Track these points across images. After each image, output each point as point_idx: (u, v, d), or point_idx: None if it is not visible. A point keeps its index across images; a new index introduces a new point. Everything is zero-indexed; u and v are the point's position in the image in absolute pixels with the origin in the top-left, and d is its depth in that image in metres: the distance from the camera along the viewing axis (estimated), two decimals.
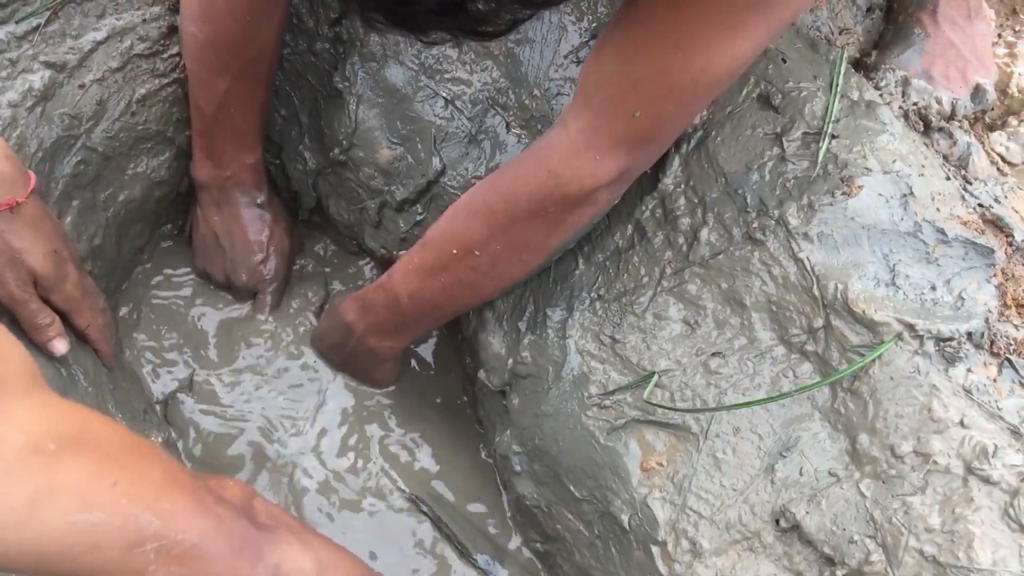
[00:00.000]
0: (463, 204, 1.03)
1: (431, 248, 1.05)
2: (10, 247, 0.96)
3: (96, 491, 0.63)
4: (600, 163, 0.91)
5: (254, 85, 1.21)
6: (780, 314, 0.94)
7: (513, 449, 1.11)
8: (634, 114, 0.87)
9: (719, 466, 0.94)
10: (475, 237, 1.00)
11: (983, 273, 0.93)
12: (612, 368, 1.02)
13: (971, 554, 0.79)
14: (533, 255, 1.02)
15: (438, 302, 1.08)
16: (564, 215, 0.96)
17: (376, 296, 1.14)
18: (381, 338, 1.19)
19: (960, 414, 0.84)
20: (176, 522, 0.67)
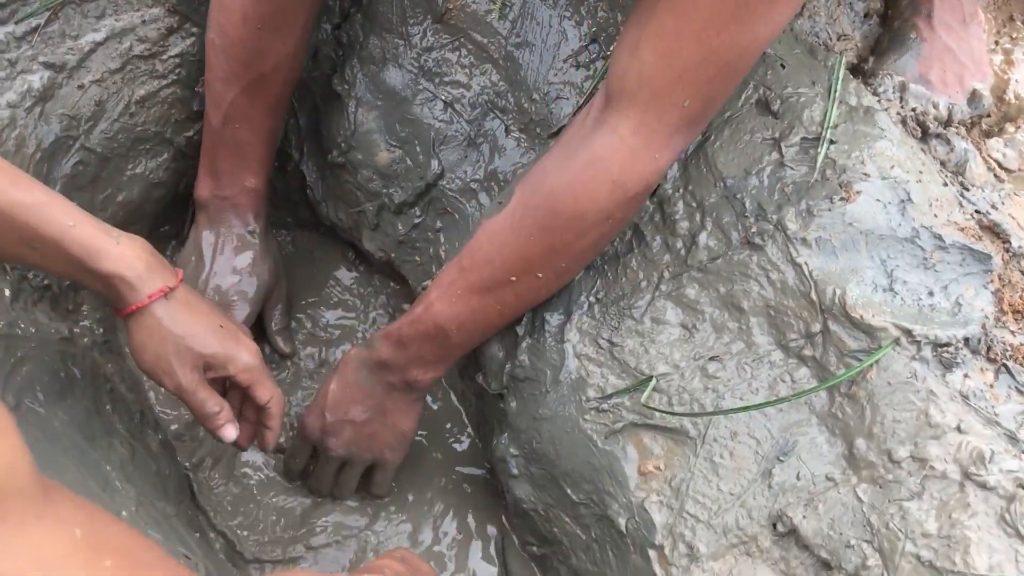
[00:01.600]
0: (513, 224, 0.98)
1: (478, 273, 1.01)
2: (172, 334, 0.95)
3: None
4: (660, 159, 0.92)
5: (262, 105, 1.18)
6: (778, 319, 0.94)
7: (511, 452, 1.11)
8: (684, 103, 0.88)
9: (716, 470, 0.94)
10: (537, 259, 0.98)
11: (980, 279, 0.93)
12: (610, 372, 1.02)
13: (968, 559, 0.79)
14: (591, 256, 1.03)
15: (491, 323, 1.06)
16: (627, 214, 0.98)
17: (413, 330, 1.07)
18: (425, 370, 1.11)
19: (957, 419, 0.85)
20: None
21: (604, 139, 0.92)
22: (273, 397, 1.04)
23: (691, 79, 0.86)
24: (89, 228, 0.88)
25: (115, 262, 0.90)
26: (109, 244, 0.89)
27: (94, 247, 0.88)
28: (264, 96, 1.18)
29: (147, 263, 0.93)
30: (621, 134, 0.91)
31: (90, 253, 0.88)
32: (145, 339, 0.95)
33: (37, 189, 0.87)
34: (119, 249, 0.90)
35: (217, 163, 1.23)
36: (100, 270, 0.89)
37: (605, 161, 0.92)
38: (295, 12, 1.12)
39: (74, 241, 0.87)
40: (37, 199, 0.86)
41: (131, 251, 0.91)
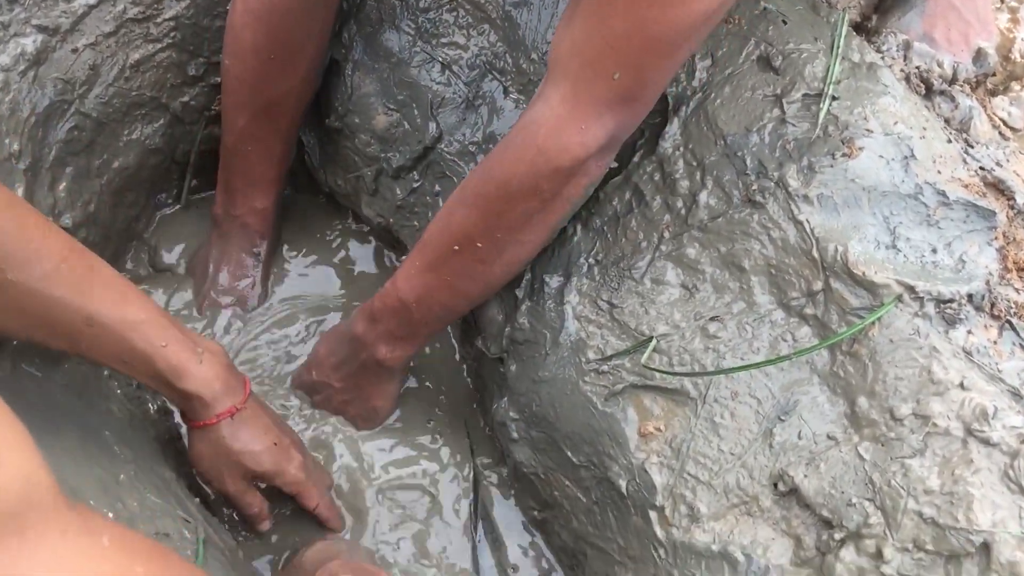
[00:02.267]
0: (456, 197, 1.01)
1: (431, 247, 1.03)
2: (230, 450, 1.03)
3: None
4: (587, 131, 0.90)
5: (271, 130, 1.22)
6: (779, 277, 0.93)
7: (510, 416, 1.11)
8: (614, 75, 0.86)
9: (717, 431, 0.94)
10: (474, 228, 0.98)
11: (984, 236, 0.92)
12: (610, 333, 1.01)
13: (970, 516, 0.78)
14: (535, 234, 1.00)
15: (447, 301, 1.06)
16: (558, 189, 0.94)
17: (382, 304, 1.09)
18: (392, 347, 1.13)
19: (960, 376, 0.84)
20: None
21: (537, 108, 0.92)
22: (320, 504, 1.11)
23: (621, 49, 0.85)
24: (178, 348, 0.95)
25: (196, 383, 0.97)
26: (193, 364, 0.97)
27: (180, 368, 0.96)
28: (274, 122, 1.21)
29: (224, 382, 1.00)
30: (551, 103, 0.90)
31: (176, 372, 0.95)
32: (205, 450, 1.04)
33: (140, 307, 0.93)
34: (201, 370, 0.97)
35: (229, 182, 1.28)
36: (183, 389, 0.97)
37: (533, 127, 0.92)
38: (303, 44, 1.16)
39: (164, 360, 0.94)
40: (139, 318, 0.92)
41: (211, 371, 0.99)
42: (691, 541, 0.92)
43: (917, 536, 0.80)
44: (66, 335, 0.89)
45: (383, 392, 1.21)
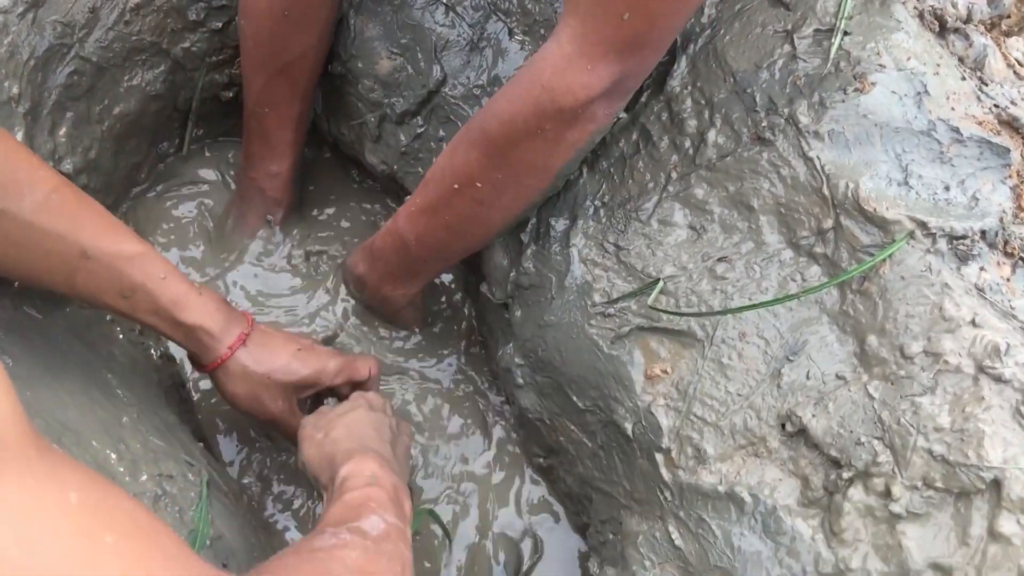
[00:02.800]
0: (460, 136, 1.00)
1: (432, 186, 1.02)
2: (259, 375, 1.02)
3: None
4: (592, 72, 0.87)
5: (288, 93, 1.21)
6: (788, 216, 0.92)
7: (516, 362, 1.10)
8: (623, 16, 0.83)
9: (724, 372, 0.92)
10: (475, 167, 0.97)
11: (998, 174, 0.90)
12: (616, 276, 1.00)
13: (981, 452, 0.77)
14: (537, 179, 0.98)
15: (445, 241, 1.06)
16: (562, 132, 0.92)
17: (383, 243, 1.10)
18: (394, 286, 1.16)
19: (972, 313, 0.82)
20: None
21: (547, 46, 0.90)
22: (371, 369, 1.09)
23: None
24: (176, 281, 0.94)
25: (199, 315, 0.96)
26: (193, 296, 0.96)
27: (181, 300, 0.95)
28: (289, 84, 1.20)
29: (226, 314, 1.00)
30: (560, 41, 0.88)
31: (177, 304, 0.94)
32: (235, 387, 1.02)
33: (135, 241, 0.91)
34: (202, 300, 0.97)
35: (250, 145, 1.28)
36: (185, 321, 0.96)
37: (540, 64, 0.90)
38: (318, 4, 1.14)
39: (163, 293, 0.93)
40: (136, 251, 0.91)
41: (211, 303, 0.98)
42: (697, 483, 0.91)
43: (927, 474, 0.79)
44: (63, 271, 0.88)
45: (402, 316, 1.25)
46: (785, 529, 0.85)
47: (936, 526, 0.79)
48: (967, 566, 0.77)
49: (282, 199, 1.32)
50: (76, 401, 0.91)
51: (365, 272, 1.14)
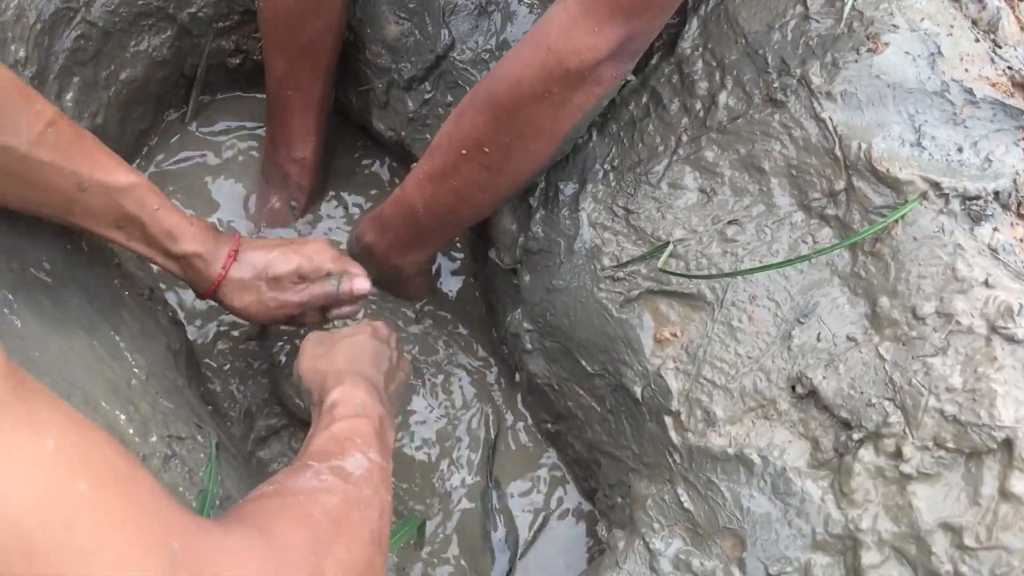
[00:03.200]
0: (468, 101, 0.99)
1: (439, 152, 1.01)
2: (258, 280, 1.03)
3: None
4: (599, 34, 0.87)
5: (309, 74, 1.20)
6: (800, 178, 0.91)
7: (524, 327, 1.10)
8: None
9: (734, 335, 0.92)
10: (482, 132, 0.96)
11: (1011, 136, 0.89)
12: (626, 239, 0.99)
13: (993, 412, 0.77)
14: (544, 143, 0.97)
15: (454, 207, 1.05)
16: (568, 95, 0.92)
17: (391, 212, 1.09)
18: (403, 254, 1.15)
19: (985, 273, 0.82)
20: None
21: (553, 8, 0.89)
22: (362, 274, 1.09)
23: None
24: (169, 212, 0.96)
25: (192, 243, 0.98)
26: (185, 226, 0.97)
27: (174, 230, 0.96)
28: (309, 66, 1.19)
29: (215, 238, 1.01)
30: (567, 2, 0.87)
31: (170, 235, 0.96)
32: (241, 299, 1.04)
33: (129, 172, 0.93)
34: (193, 230, 0.98)
35: (274, 130, 1.28)
36: (179, 252, 0.98)
37: (546, 26, 0.89)
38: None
39: (156, 224, 0.95)
40: (130, 182, 0.92)
41: (202, 231, 1.00)
42: (707, 445, 0.91)
43: (938, 434, 0.79)
44: (60, 203, 0.90)
45: (411, 286, 1.25)
46: (795, 490, 0.85)
47: (947, 486, 0.79)
48: (978, 526, 0.76)
49: (306, 186, 1.32)
50: (85, 362, 0.91)
51: (373, 241, 1.14)
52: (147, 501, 0.48)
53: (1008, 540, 0.75)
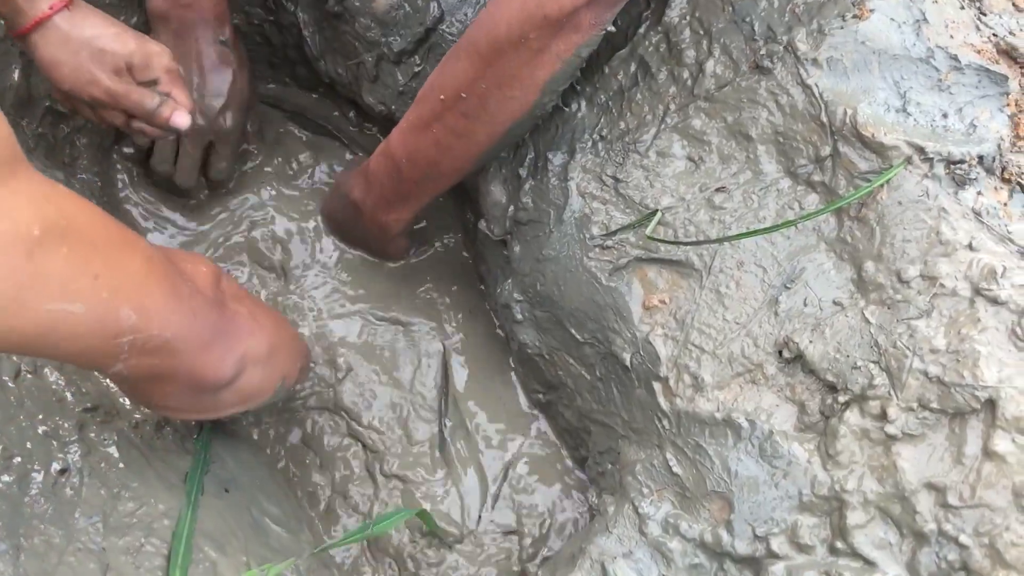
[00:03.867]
0: (451, 51, 0.99)
1: (422, 102, 1.02)
2: (85, 39, 0.92)
3: (79, 282, 0.62)
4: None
5: None
6: (787, 145, 0.92)
7: (514, 297, 1.10)
8: None
9: (722, 300, 0.93)
10: (461, 78, 0.96)
11: (996, 102, 0.90)
12: (614, 208, 1.00)
13: (976, 373, 0.78)
14: (522, 91, 0.97)
15: (433, 158, 1.04)
16: (547, 42, 0.92)
17: (377, 166, 1.09)
18: (388, 211, 1.14)
19: (969, 236, 0.83)
20: (152, 318, 0.68)
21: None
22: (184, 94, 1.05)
23: None
24: None
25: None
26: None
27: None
28: None
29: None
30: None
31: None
32: (56, 52, 0.93)
33: None
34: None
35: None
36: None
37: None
38: None
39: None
40: None
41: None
42: (695, 410, 0.92)
43: (922, 395, 0.80)
44: None
45: (393, 245, 1.25)
46: (782, 453, 0.86)
47: (931, 447, 0.80)
48: (961, 485, 0.78)
49: (226, 17, 1.19)
50: None
51: (360, 198, 1.14)
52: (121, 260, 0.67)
53: (991, 498, 0.76)
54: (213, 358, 0.78)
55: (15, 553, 0.74)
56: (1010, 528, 0.75)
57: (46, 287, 0.59)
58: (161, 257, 0.73)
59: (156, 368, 0.73)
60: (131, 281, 0.67)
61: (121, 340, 0.66)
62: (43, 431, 0.84)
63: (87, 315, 0.62)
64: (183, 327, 0.72)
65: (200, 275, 0.82)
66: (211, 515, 0.89)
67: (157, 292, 0.69)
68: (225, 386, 0.82)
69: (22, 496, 0.78)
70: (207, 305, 0.78)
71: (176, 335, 0.72)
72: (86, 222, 0.63)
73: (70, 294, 0.61)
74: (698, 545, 0.89)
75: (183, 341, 0.73)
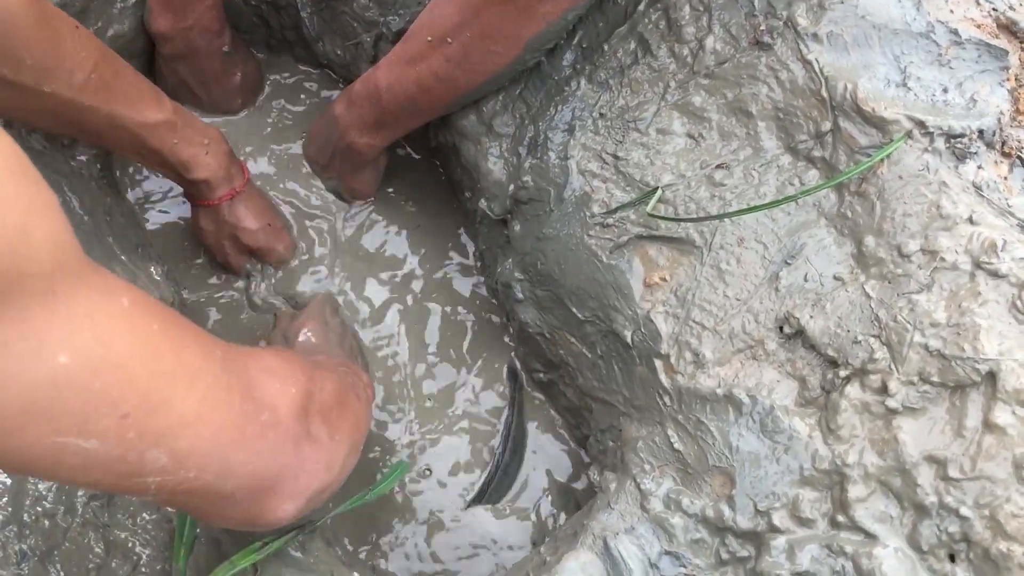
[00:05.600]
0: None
1: (410, 38, 1.04)
2: (231, 227, 1.21)
3: (101, 422, 0.54)
4: None
5: None
6: (787, 121, 0.92)
7: (515, 276, 1.11)
8: None
9: (723, 277, 0.93)
10: (447, 23, 0.98)
11: (996, 77, 0.90)
12: (615, 186, 1.00)
13: (977, 345, 0.78)
14: (506, 46, 0.99)
15: (412, 95, 1.07)
16: (534, 2, 0.94)
17: (361, 88, 1.12)
18: (361, 133, 1.17)
19: (969, 210, 0.83)
20: (191, 463, 0.60)
21: None
22: None
23: None
24: (186, 145, 1.09)
25: (203, 172, 1.13)
26: (200, 157, 1.12)
27: (189, 162, 1.11)
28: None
29: (226, 170, 1.16)
30: None
31: (185, 166, 1.11)
32: (209, 225, 1.23)
33: (157, 109, 1.05)
34: (207, 160, 1.13)
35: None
36: (191, 179, 1.14)
37: None
38: None
39: (175, 156, 1.09)
40: (156, 119, 1.05)
41: (215, 161, 1.14)
42: (696, 387, 0.92)
43: (923, 369, 0.80)
44: (93, 134, 1.03)
45: (359, 178, 1.29)
46: (783, 428, 0.86)
47: (931, 420, 0.80)
48: (962, 457, 0.78)
49: (224, 26, 1.29)
50: None
51: (340, 113, 1.18)
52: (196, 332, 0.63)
53: (991, 470, 0.76)
54: (273, 504, 0.69)
55: (20, 530, 0.74)
56: (1011, 500, 0.75)
57: (57, 421, 0.52)
58: (234, 386, 0.64)
59: (200, 507, 0.65)
60: (172, 422, 0.58)
61: (146, 480, 0.58)
62: None
63: (100, 453, 0.55)
64: (235, 472, 0.63)
65: (286, 399, 0.71)
66: None
67: (206, 432, 0.60)
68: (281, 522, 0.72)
69: None
70: (282, 442, 0.69)
71: (227, 480, 0.63)
72: (135, 354, 0.55)
73: (85, 433, 0.54)
74: (700, 520, 0.90)
75: (237, 486, 0.64)
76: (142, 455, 0.56)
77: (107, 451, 0.55)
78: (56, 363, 0.50)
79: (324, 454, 0.74)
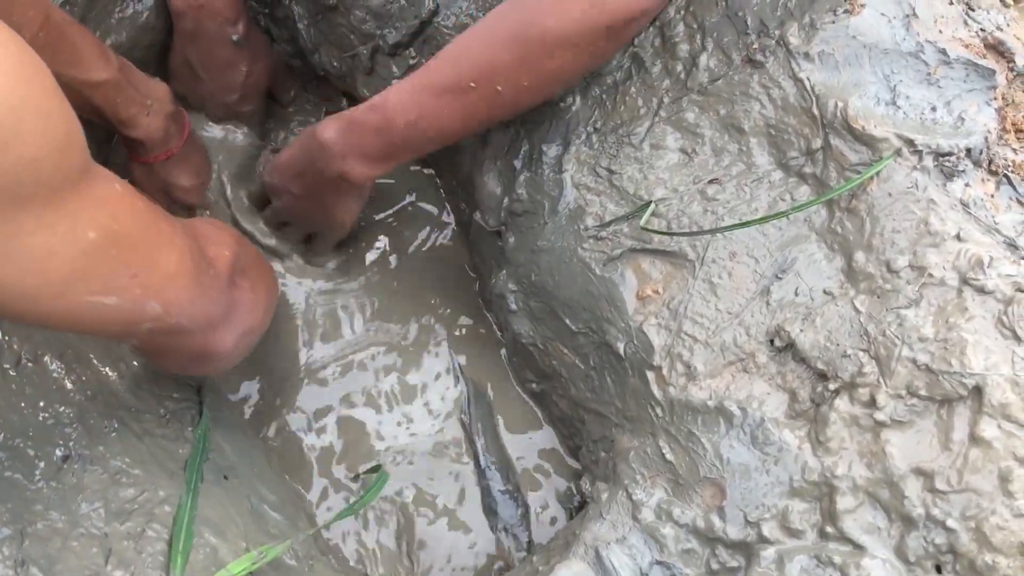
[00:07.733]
0: (480, 36, 0.96)
1: (439, 74, 0.98)
2: (163, 183, 1.24)
3: (118, 280, 0.67)
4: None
5: None
6: (779, 137, 0.93)
7: (509, 288, 1.12)
8: None
9: (715, 291, 0.95)
10: (501, 70, 0.94)
11: (983, 96, 0.92)
12: (608, 200, 1.01)
13: (964, 360, 0.80)
14: (562, 87, 1.01)
15: (436, 132, 1.01)
16: (608, 45, 0.94)
17: (366, 118, 1.03)
18: (360, 162, 1.07)
19: (957, 227, 0.84)
20: (174, 309, 0.75)
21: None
22: None
23: None
24: (129, 104, 1.11)
25: (141, 132, 1.15)
26: (142, 117, 1.14)
27: (130, 120, 1.13)
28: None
29: (164, 131, 1.18)
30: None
31: (124, 124, 1.13)
32: (142, 179, 1.24)
33: (101, 69, 1.06)
34: (147, 121, 1.15)
35: None
36: (129, 136, 1.16)
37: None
38: None
39: (115, 115, 1.11)
40: (99, 79, 1.06)
41: (155, 122, 1.16)
42: (688, 399, 0.94)
43: (910, 382, 0.82)
44: None
45: (346, 207, 1.17)
46: (773, 440, 0.88)
47: (919, 432, 0.82)
48: (949, 470, 0.79)
49: (239, 16, 1.24)
50: None
51: (333, 138, 1.05)
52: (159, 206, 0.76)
53: (978, 483, 0.78)
54: (217, 337, 0.86)
55: (20, 538, 0.75)
56: (996, 512, 0.77)
57: (90, 283, 0.65)
58: (193, 248, 0.78)
59: (167, 343, 0.81)
60: (162, 278, 0.72)
61: (142, 326, 0.72)
62: (44, 418, 0.85)
63: (117, 307, 0.68)
64: (198, 313, 0.79)
65: (222, 259, 0.90)
66: (211, 502, 0.90)
67: (182, 285, 0.75)
68: (223, 356, 0.90)
69: (26, 482, 0.79)
70: (222, 291, 0.86)
71: (191, 320, 0.78)
72: (134, 226, 0.69)
73: (109, 290, 0.67)
74: (691, 531, 0.91)
75: (196, 324, 0.80)
76: (144, 306, 0.70)
77: (121, 305, 0.68)
78: (88, 238, 0.63)
79: (249, 302, 0.93)
